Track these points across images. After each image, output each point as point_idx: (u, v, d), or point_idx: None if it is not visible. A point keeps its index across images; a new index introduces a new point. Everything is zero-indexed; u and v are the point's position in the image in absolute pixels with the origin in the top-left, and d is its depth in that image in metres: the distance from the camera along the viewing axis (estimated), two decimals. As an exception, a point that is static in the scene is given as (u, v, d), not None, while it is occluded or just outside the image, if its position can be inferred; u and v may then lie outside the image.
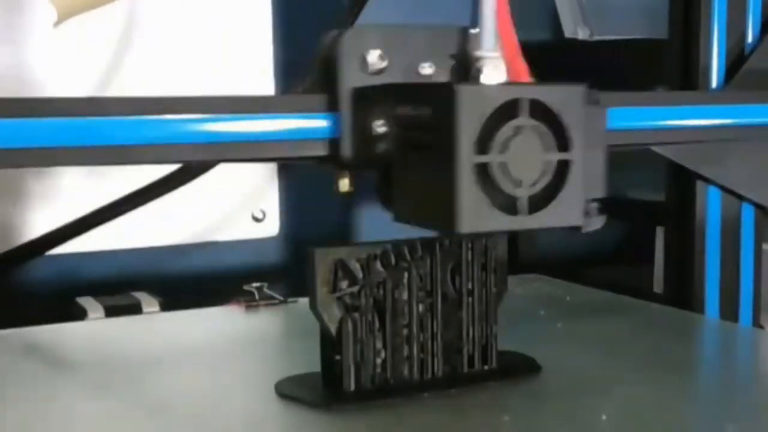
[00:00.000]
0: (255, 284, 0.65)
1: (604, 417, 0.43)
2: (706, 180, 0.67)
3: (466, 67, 0.46)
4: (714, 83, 0.67)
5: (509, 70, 0.45)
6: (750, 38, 0.68)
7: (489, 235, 0.47)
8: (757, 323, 0.71)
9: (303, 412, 0.45)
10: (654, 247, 0.91)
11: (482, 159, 0.41)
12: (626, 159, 1.03)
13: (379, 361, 0.46)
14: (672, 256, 0.72)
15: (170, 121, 0.45)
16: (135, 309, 0.69)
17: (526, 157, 0.42)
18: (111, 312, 0.68)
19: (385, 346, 0.46)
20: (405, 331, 0.46)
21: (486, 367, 0.48)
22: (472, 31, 0.46)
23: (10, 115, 0.43)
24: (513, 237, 0.50)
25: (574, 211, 0.43)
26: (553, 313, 0.61)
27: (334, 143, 0.47)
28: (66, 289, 0.74)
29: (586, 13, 0.93)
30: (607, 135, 0.56)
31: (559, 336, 0.57)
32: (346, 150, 0.47)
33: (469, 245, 0.47)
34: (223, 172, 0.80)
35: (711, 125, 0.61)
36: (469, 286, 0.48)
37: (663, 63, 0.71)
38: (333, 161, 0.47)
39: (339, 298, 0.45)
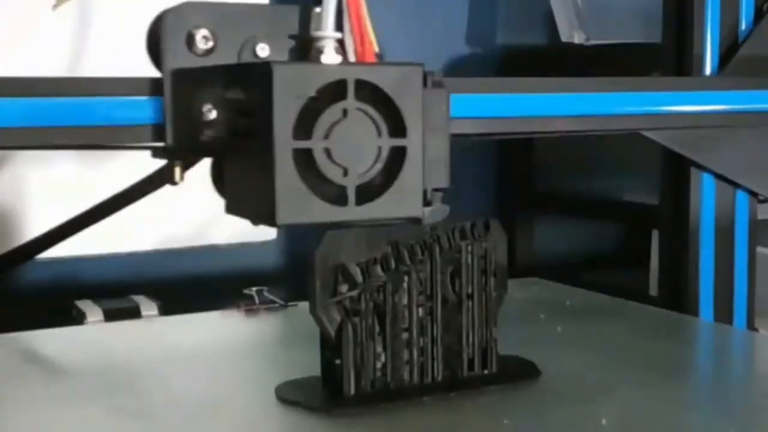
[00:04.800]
0: (255, 288, 0.65)
1: (603, 421, 0.43)
2: (701, 167, 0.67)
3: (306, 49, 0.43)
4: (708, 71, 0.67)
5: (357, 52, 0.42)
6: (743, 26, 0.68)
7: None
8: (751, 325, 0.71)
9: (303, 415, 0.45)
10: (650, 250, 0.91)
11: (303, 144, 0.38)
12: (621, 162, 1.04)
13: (379, 365, 0.46)
14: (667, 259, 0.72)
15: None
16: (134, 312, 0.69)
17: (354, 142, 0.39)
18: (110, 315, 0.68)
19: (385, 350, 0.46)
20: (405, 335, 0.46)
21: (486, 371, 0.48)
22: (315, 10, 0.43)
23: (6, 94, 0.42)
24: (510, 239, 0.49)
25: (411, 201, 0.41)
26: (553, 317, 0.62)
27: (158, 129, 0.44)
28: (65, 293, 0.74)
29: (582, 18, 0.93)
30: (606, 120, 0.56)
31: (559, 339, 0.57)
32: (171, 137, 0.43)
33: (470, 249, 0.48)
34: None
35: (705, 111, 0.61)
36: (469, 290, 0.48)
37: (658, 52, 0.71)
38: (158, 149, 0.44)
39: (339, 302, 0.45)
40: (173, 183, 0.45)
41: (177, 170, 0.45)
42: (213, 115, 0.42)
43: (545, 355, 0.51)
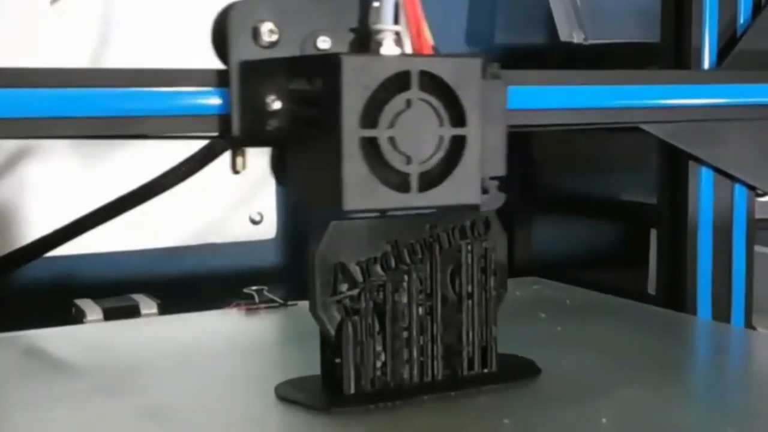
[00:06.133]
0: (255, 287, 0.65)
1: (603, 420, 0.44)
2: (699, 161, 0.67)
3: (365, 41, 0.45)
4: (706, 64, 0.67)
5: (414, 45, 0.43)
6: (742, 20, 0.68)
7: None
8: (749, 324, 0.71)
9: (303, 415, 0.45)
10: (648, 249, 0.92)
11: (369, 133, 0.40)
12: (620, 162, 1.04)
13: (378, 364, 0.46)
14: (665, 258, 0.72)
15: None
16: (133, 311, 0.69)
17: (417, 131, 0.41)
18: (109, 314, 0.68)
19: (384, 349, 0.46)
20: (405, 334, 0.46)
21: (486, 370, 0.48)
22: (374, 4, 0.45)
23: (2, 85, 0.42)
24: (508, 239, 0.49)
25: (469, 188, 0.42)
26: (553, 316, 0.62)
27: (225, 120, 0.45)
28: (64, 292, 0.74)
29: (582, 17, 0.93)
30: (596, 113, 0.57)
31: (559, 339, 0.57)
32: (237, 127, 0.45)
33: (469, 248, 0.48)
34: (220, 174, 0.80)
35: (703, 104, 0.61)
36: (469, 289, 0.48)
37: (657, 51, 0.71)
38: (224, 139, 0.46)
39: (339, 301, 0.45)
40: (235, 172, 0.47)
41: (240, 160, 0.46)
42: (277, 105, 0.44)
43: (545, 354, 0.51)
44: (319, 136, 0.41)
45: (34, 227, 0.79)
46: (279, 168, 0.46)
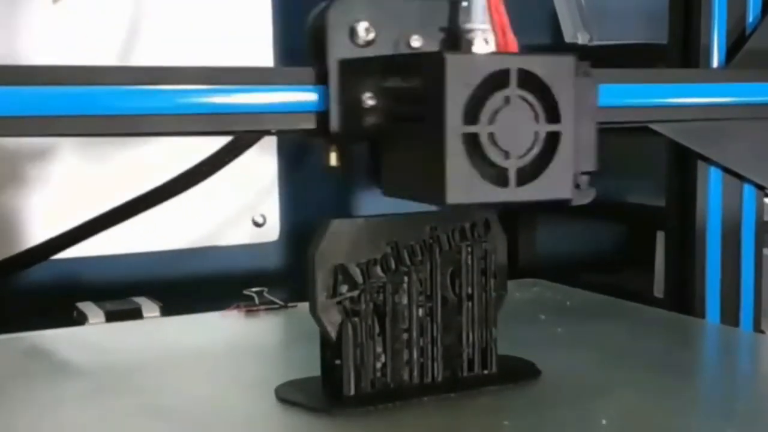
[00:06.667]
0: (255, 289, 0.65)
1: (604, 421, 0.43)
2: (707, 160, 0.67)
3: (455, 40, 0.46)
4: (715, 63, 0.67)
5: (499, 43, 0.44)
6: (751, 18, 0.67)
7: (478, 209, 0.47)
8: (757, 328, 0.71)
9: (303, 416, 0.45)
10: (654, 251, 0.91)
11: (471, 129, 0.41)
12: (626, 164, 1.04)
13: (379, 365, 0.46)
14: (672, 261, 0.72)
15: (157, 91, 0.45)
16: (135, 314, 0.69)
17: (515, 128, 0.41)
18: (111, 317, 0.68)
19: (385, 351, 0.46)
20: (405, 336, 0.46)
21: (486, 372, 0.48)
22: (463, 4, 0.46)
23: (7, 83, 0.43)
24: (512, 240, 0.49)
25: (563, 183, 0.43)
26: (553, 318, 0.61)
27: (322, 116, 0.46)
28: (67, 294, 0.74)
29: (586, 18, 0.93)
30: (605, 111, 0.56)
31: (559, 340, 0.57)
32: (335, 123, 0.46)
33: (469, 249, 0.47)
34: (223, 176, 0.80)
35: (712, 103, 0.61)
36: (469, 291, 0.48)
37: (663, 52, 0.70)
38: (321, 134, 0.47)
39: (339, 303, 0.45)
40: (329, 167, 0.47)
41: (333, 155, 0.47)
42: (372, 102, 0.45)
43: (545, 355, 0.51)
44: (420, 132, 0.42)
45: (37, 229, 0.79)
46: (372, 164, 0.47)
